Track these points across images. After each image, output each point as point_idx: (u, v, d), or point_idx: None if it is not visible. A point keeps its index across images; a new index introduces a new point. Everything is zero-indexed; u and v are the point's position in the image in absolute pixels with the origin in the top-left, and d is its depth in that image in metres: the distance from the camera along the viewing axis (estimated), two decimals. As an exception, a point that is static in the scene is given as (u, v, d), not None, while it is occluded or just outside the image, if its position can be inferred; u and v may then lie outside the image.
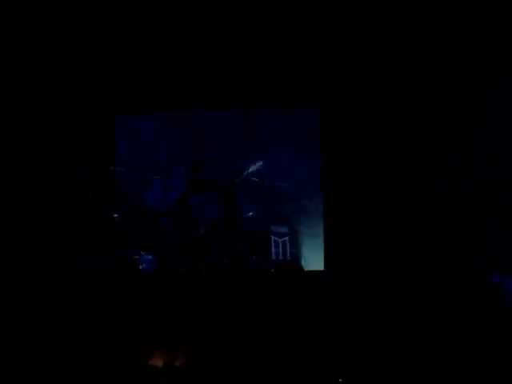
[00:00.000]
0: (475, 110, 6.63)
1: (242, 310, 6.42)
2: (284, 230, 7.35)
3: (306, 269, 7.20)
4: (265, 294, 6.59)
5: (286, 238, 7.33)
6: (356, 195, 6.82)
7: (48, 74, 6.74)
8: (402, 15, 6.61)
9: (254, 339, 6.12)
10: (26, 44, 6.67)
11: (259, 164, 7.35)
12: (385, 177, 6.72)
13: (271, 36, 6.73)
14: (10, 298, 6.42)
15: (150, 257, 7.20)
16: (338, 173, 6.92)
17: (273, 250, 7.34)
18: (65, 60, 6.74)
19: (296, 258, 7.33)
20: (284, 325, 6.27)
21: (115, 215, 7.23)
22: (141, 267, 7.15)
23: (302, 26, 6.69)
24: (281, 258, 7.33)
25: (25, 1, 6.60)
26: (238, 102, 7.00)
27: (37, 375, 5.50)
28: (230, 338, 6.12)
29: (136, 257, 7.17)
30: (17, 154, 6.70)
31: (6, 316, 6.27)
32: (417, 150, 6.70)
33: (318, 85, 6.87)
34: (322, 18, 6.68)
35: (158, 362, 5.41)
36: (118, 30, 6.70)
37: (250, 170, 7.38)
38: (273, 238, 7.34)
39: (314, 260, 7.24)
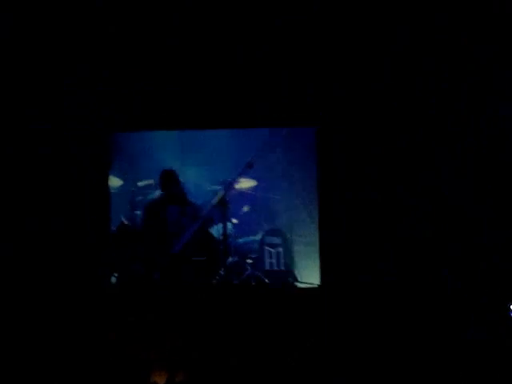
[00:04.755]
0: (475, 110, 6.63)
1: (239, 321, 6.42)
2: (277, 240, 7.28)
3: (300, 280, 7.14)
4: (259, 304, 6.59)
5: (280, 249, 7.27)
6: (356, 198, 6.78)
7: (48, 73, 6.74)
8: (402, 15, 6.61)
9: (250, 351, 6.14)
10: (26, 44, 6.67)
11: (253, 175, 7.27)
12: (384, 177, 6.70)
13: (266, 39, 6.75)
14: (9, 297, 6.44)
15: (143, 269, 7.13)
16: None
17: (266, 260, 7.28)
18: (65, 60, 6.74)
19: (290, 269, 7.26)
20: (278, 337, 6.30)
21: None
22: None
23: (300, 27, 6.69)
24: (275, 268, 7.27)
25: (25, 1, 6.61)
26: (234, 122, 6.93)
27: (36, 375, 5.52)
28: (225, 351, 6.14)
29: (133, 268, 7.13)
30: (17, 153, 6.70)
31: (6, 315, 6.29)
32: (417, 150, 6.69)
33: (316, 87, 6.84)
34: (320, 19, 6.68)
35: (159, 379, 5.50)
36: (118, 30, 6.70)
37: (243, 181, 7.33)
38: (266, 248, 7.27)
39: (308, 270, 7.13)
